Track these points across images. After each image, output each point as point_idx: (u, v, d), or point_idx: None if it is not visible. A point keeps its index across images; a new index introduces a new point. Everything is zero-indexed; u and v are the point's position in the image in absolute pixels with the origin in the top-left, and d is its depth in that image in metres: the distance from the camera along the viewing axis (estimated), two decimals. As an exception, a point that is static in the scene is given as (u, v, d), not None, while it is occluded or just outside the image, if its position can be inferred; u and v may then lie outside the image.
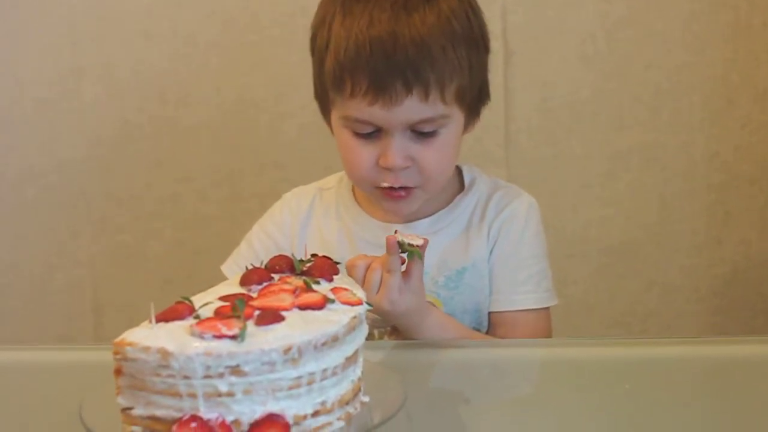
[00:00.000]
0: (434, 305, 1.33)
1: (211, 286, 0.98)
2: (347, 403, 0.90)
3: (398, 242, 1.19)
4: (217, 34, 2.01)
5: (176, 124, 2.03)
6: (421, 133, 1.28)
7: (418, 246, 1.19)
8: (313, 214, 1.45)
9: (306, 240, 1.40)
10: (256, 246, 1.44)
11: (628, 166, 2.03)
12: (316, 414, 0.86)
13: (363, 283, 1.21)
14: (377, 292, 1.20)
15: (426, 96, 1.24)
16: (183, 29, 2.01)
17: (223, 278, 1.20)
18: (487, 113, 1.42)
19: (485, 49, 1.35)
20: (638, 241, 2.05)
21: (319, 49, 1.31)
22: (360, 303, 0.94)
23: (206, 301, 0.90)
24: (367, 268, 1.22)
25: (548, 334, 1.39)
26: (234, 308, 0.86)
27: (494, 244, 1.39)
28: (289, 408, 0.84)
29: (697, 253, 2.05)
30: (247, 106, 2.02)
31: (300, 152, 1.99)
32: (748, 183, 2.03)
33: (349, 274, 1.23)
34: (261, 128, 2.03)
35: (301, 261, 1.02)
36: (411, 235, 1.21)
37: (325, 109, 1.36)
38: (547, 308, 1.40)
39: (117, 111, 2.04)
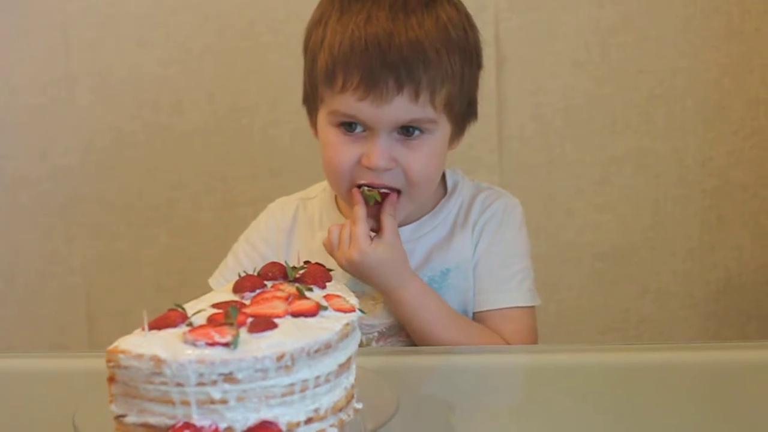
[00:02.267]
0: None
1: (205, 292, 0.98)
2: (340, 410, 0.90)
3: (361, 193, 1.26)
4: (211, 41, 2.01)
5: (170, 131, 2.03)
6: (407, 136, 1.28)
7: (379, 192, 1.28)
8: (296, 225, 1.45)
9: (291, 250, 1.40)
10: (242, 259, 1.44)
11: (622, 172, 2.03)
12: (309, 421, 0.86)
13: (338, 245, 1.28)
14: (347, 246, 1.27)
15: (416, 96, 1.25)
16: (177, 35, 2.01)
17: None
18: (480, 119, 1.42)
19: (478, 64, 1.35)
20: (632, 246, 2.05)
21: (312, 47, 1.31)
22: (353, 310, 0.94)
23: (199, 309, 0.90)
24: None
25: (533, 333, 1.39)
26: (227, 315, 0.86)
27: (477, 243, 1.39)
28: (282, 415, 0.84)
29: (690, 258, 2.05)
30: (240, 113, 2.02)
31: (294, 158, 1.99)
32: (741, 188, 2.04)
33: (329, 247, 1.29)
34: (255, 134, 2.03)
35: (294, 268, 1.02)
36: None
37: (313, 111, 1.36)
38: (532, 307, 1.40)
39: (111, 117, 2.04)
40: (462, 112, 1.34)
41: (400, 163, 1.28)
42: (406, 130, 1.28)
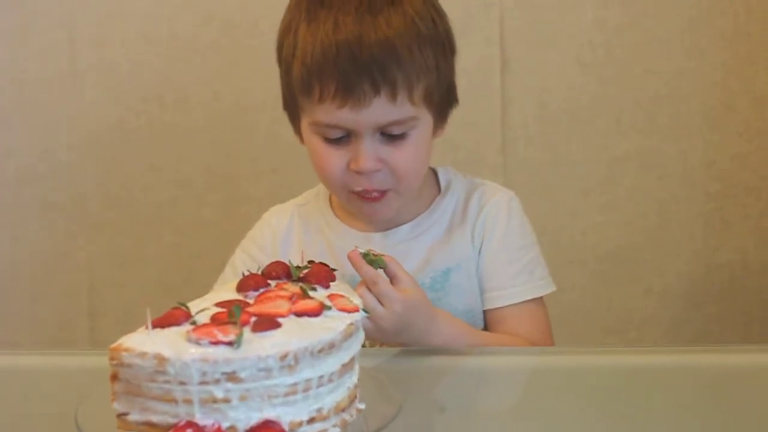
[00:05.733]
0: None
1: (208, 290, 0.98)
2: (343, 410, 0.90)
3: (362, 254, 1.18)
4: (216, 38, 2.01)
5: (174, 128, 2.04)
6: (390, 135, 1.28)
7: (381, 255, 1.18)
8: (293, 231, 1.45)
9: (288, 257, 1.39)
10: (240, 269, 1.43)
11: (626, 173, 2.03)
12: (312, 421, 0.86)
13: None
14: (382, 307, 1.18)
15: (394, 96, 1.24)
16: (182, 33, 2.01)
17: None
18: (484, 119, 1.43)
19: (451, 51, 1.35)
20: (635, 247, 2.05)
21: (286, 56, 1.31)
22: (357, 310, 0.94)
23: (203, 307, 0.90)
24: None
25: (548, 323, 1.39)
26: (230, 314, 0.86)
27: (482, 244, 1.38)
28: (285, 414, 0.84)
29: (694, 260, 2.05)
30: (245, 111, 2.02)
31: (297, 157, 1.96)
32: (746, 191, 2.04)
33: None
34: (259, 133, 2.03)
35: (298, 267, 1.02)
36: (369, 249, 1.19)
37: (295, 118, 1.36)
38: (542, 297, 1.39)
39: (115, 114, 2.04)
40: (442, 102, 1.34)
41: (387, 163, 1.28)
42: (389, 131, 1.27)
